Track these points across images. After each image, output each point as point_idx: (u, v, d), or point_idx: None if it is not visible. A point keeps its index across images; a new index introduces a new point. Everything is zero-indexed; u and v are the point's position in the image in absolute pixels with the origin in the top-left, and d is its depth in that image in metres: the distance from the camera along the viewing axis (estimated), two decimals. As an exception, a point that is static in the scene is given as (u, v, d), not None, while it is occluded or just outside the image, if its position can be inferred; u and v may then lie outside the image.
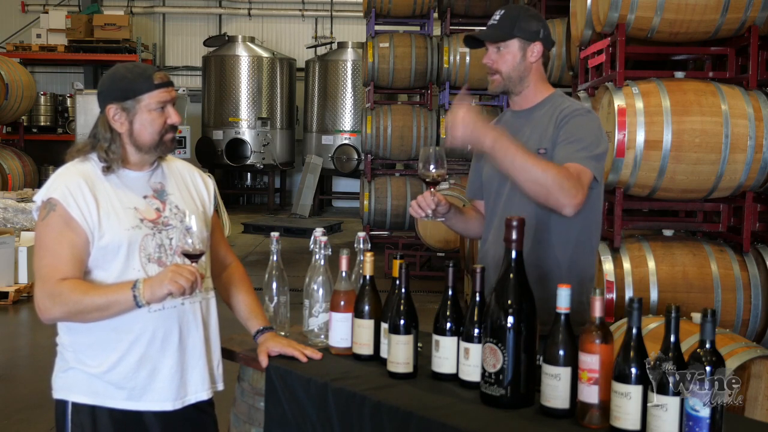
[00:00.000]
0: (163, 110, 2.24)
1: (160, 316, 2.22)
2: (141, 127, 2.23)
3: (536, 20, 2.62)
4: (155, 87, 2.22)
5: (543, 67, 2.66)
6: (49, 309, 2.09)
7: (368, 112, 10.25)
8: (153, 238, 2.24)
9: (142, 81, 2.22)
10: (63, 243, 2.14)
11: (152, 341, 2.22)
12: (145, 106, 2.22)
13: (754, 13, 4.58)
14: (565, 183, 2.35)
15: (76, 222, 2.15)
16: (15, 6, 17.02)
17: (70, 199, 2.16)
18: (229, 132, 14.71)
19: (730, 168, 4.51)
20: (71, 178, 2.21)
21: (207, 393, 2.33)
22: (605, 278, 4.60)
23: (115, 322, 2.19)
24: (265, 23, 17.14)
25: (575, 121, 2.53)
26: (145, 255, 2.22)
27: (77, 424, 2.22)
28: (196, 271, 2.08)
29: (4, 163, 12.08)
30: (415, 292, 2.46)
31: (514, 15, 2.60)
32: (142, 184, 2.29)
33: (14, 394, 5.24)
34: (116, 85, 2.24)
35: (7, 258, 7.71)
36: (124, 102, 2.22)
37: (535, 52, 2.60)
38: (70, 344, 2.24)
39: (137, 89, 2.22)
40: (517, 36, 2.58)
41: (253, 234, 12.12)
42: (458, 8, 10.49)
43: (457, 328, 2.11)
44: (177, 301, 2.24)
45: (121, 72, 2.26)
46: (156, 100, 2.22)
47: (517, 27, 2.58)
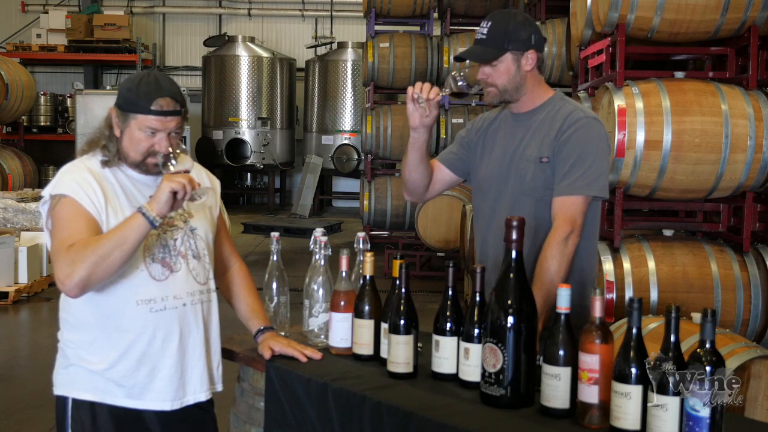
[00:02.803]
0: (153, 135, 2.20)
1: (162, 316, 2.23)
2: (128, 142, 2.22)
3: (526, 26, 2.56)
4: (149, 112, 2.18)
5: (538, 71, 2.63)
6: (71, 274, 2.04)
7: (368, 112, 10.25)
8: (157, 238, 2.24)
9: (142, 101, 2.18)
10: (78, 220, 2.13)
11: (153, 341, 2.22)
12: (135, 125, 2.20)
13: (754, 13, 4.58)
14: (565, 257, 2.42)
15: (87, 211, 2.16)
16: (15, 6, 17.01)
17: (80, 192, 2.17)
18: (229, 132, 14.71)
19: (730, 168, 4.51)
20: (79, 173, 2.21)
21: (206, 394, 2.34)
22: (605, 278, 4.60)
23: (117, 321, 2.19)
24: (265, 23, 17.14)
25: (577, 136, 2.52)
26: (149, 255, 2.22)
27: (77, 421, 2.22)
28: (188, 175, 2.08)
29: (4, 163, 12.08)
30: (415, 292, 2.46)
31: (503, 27, 2.52)
32: (148, 184, 2.29)
33: (14, 394, 5.24)
34: (124, 93, 2.23)
35: (7, 258, 7.71)
36: (123, 112, 2.22)
37: (530, 60, 2.56)
38: (71, 341, 2.25)
39: (134, 107, 2.19)
40: (509, 50, 2.52)
41: (253, 234, 12.12)
42: (458, 8, 10.49)
43: (457, 328, 2.11)
44: (178, 302, 2.25)
45: (136, 82, 2.22)
46: (146, 125, 2.19)
47: (507, 40, 2.52)
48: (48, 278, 8.27)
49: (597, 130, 2.56)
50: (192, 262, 2.30)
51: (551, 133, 2.55)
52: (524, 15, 2.64)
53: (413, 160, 2.69)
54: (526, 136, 2.60)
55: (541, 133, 2.57)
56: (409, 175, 2.74)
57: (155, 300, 2.22)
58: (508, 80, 2.56)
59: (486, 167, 2.70)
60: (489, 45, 2.53)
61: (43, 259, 8.24)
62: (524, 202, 2.56)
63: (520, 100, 2.63)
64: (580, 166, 2.49)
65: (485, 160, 2.71)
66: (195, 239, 2.33)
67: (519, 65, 2.55)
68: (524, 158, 2.58)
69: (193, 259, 2.31)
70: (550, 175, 2.53)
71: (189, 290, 2.28)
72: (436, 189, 2.82)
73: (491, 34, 2.53)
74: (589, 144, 2.51)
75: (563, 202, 2.49)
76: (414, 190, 2.79)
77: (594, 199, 2.54)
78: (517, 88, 2.58)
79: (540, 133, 2.58)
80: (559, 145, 2.52)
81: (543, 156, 2.54)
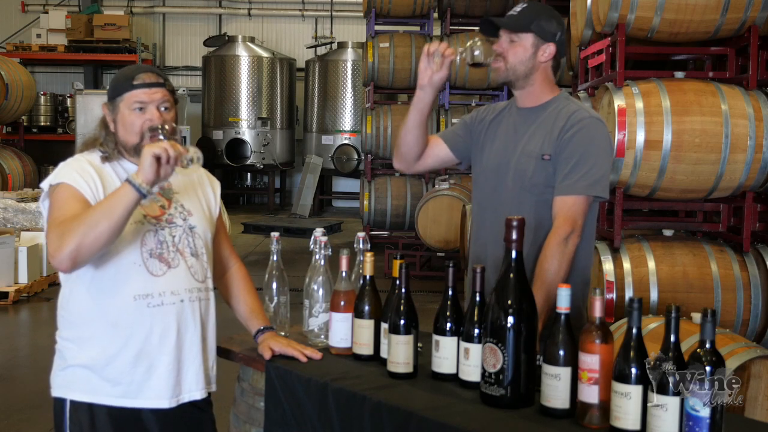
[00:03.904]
0: (143, 111, 2.21)
1: (159, 311, 2.22)
2: (122, 129, 2.24)
3: (556, 22, 2.60)
4: (133, 87, 2.21)
5: (552, 71, 2.64)
6: (60, 246, 2.03)
7: (368, 112, 10.25)
8: (155, 234, 2.24)
9: (124, 81, 2.24)
10: (73, 202, 2.14)
11: (150, 336, 2.21)
12: (124, 107, 2.22)
13: (754, 13, 4.58)
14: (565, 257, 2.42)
15: (83, 196, 2.16)
16: (15, 6, 17.01)
17: (79, 179, 2.18)
18: (229, 132, 14.72)
19: (730, 168, 4.51)
20: (78, 164, 2.23)
21: (201, 393, 2.32)
22: (605, 278, 4.60)
23: (114, 317, 2.19)
24: (265, 23, 17.14)
25: (580, 136, 2.52)
26: (146, 250, 2.22)
27: (75, 422, 2.22)
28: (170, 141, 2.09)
29: (4, 163, 12.08)
30: (415, 292, 2.46)
31: (536, 11, 2.58)
32: None
33: (14, 394, 5.24)
34: (110, 86, 2.30)
35: (7, 258, 7.71)
36: (112, 102, 2.26)
37: (547, 52, 2.58)
38: (69, 339, 2.24)
39: (119, 89, 2.24)
40: (533, 31, 2.56)
41: (253, 234, 12.12)
42: (458, 8, 10.49)
43: (457, 328, 2.11)
44: (176, 298, 2.24)
45: (118, 73, 2.31)
46: (133, 100, 2.21)
47: (535, 23, 2.56)
48: (48, 278, 8.27)
49: (600, 131, 2.56)
50: (190, 259, 2.30)
51: (554, 131, 2.55)
52: (559, 15, 2.66)
53: (412, 120, 2.69)
54: (529, 131, 2.61)
55: (543, 130, 2.58)
56: (405, 137, 2.74)
57: (152, 295, 2.22)
58: (520, 61, 2.58)
59: (487, 158, 2.70)
60: (518, 20, 2.58)
61: (43, 259, 8.24)
62: (525, 200, 2.56)
63: (525, 90, 2.63)
64: (582, 166, 2.49)
65: (486, 151, 2.71)
66: (194, 237, 2.33)
67: (536, 52, 2.58)
68: (525, 153, 2.58)
69: (191, 257, 2.31)
70: (551, 173, 2.54)
71: (187, 287, 2.28)
72: (428, 164, 2.82)
73: (522, 12, 2.59)
74: (591, 144, 2.52)
75: (564, 202, 2.49)
76: (405, 154, 2.78)
77: (595, 200, 2.54)
78: (526, 74, 2.59)
79: (543, 129, 2.58)
80: (561, 144, 2.53)
81: (545, 153, 2.54)
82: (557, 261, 2.41)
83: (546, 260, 2.42)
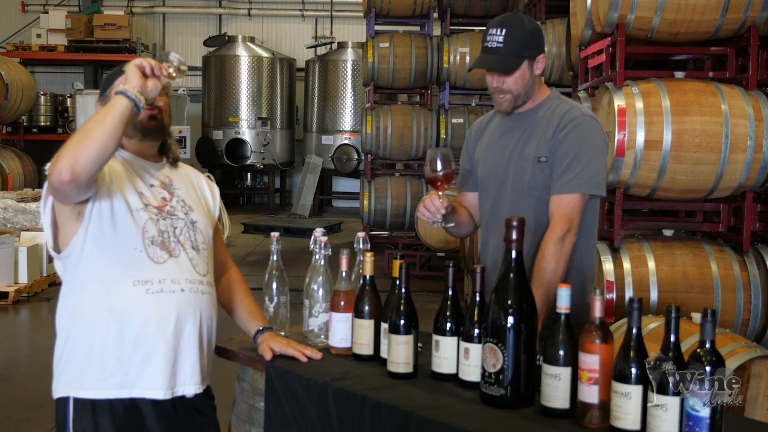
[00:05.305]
0: None
1: (158, 298, 2.21)
2: None
3: (536, 32, 2.58)
4: (122, 73, 2.21)
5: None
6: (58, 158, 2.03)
7: (368, 112, 10.25)
8: (156, 223, 2.25)
9: (114, 77, 2.33)
10: None
11: (147, 323, 2.19)
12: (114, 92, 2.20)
13: (754, 13, 4.58)
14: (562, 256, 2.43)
15: None
16: (15, 6, 17.02)
17: None
18: (229, 132, 14.72)
19: (730, 168, 4.51)
20: None
21: (195, 387, 2.29)
22: (605, 278, 4.60)
23: (113, 301, 2.18)
24: (265, 23, 17.15)
25: (574, 134, 2.53)
26: (148, 237, 2.22)
27: (78, 421, 2.21)
28: None
29: (4, 163, 12.08)
30: (415, 292, 2.46)
31: (519, 34, 2.53)
32: (150, 173, 2.32)
33: (14, 394, 5.24)
34: (102, 85, 2.38)
35: (7, 258, 7.71)
36: (103, 96, 2.33)
37: (540, 64, 2.59)
38: (67, 324, 2.23)
39: (109, 81, 2.33)
40: (526, 57, 2.54)
41: (253, 234, 12.11)
42: (458, 8, 10.50)
43: (457, 328, 2.11)
44: (176, 287, 2.23)
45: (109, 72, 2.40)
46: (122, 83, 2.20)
47: (524, 48, 2.53)
48: (48, 278, 8.27)
49: (594, 128, 2.57)
50: (191, 252, 2.30)
51: (548, 131, 2.56)
52: (531, 19, 2.65)
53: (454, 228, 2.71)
54: (524, 135, 2.61)
55: (538, 132, 2.58)
56: (458, 233, 2.83)
57: (152, 282, 2.21)
58: (522, 86, 2.57)
59: (485, 166, 2.71)
60: (508, 53, 2.53)
61: (43, 259, 8.24)
62: (524, 202, 2.57)
63: None
64: (576, 164, 2.49)
65: (483, 160, 2.72)
66: (195, 232, 2.33)
67: (532, 71, 2.58)
68: (522, 157, 2.59)
69: (192, 250, 2.30)
70: (548, 175, 2.54)
71: (188, 277, 2.26)
72: (478, 214, 2.82)
73: (508, 42, 2.52)
74: (585, 142, 2.52)
75: (560, 201, 2.50)
76: (468, 233, 2.87)
77: (591, 198, 2.54)
78: (527, 92, 2.60)
79: (537, 131, 2.59)
80: (556, 144, 2.53)
81: (541, 155, 2.55)
82: (554, 260, 2.41)
83: (543, 259, 2.42)
